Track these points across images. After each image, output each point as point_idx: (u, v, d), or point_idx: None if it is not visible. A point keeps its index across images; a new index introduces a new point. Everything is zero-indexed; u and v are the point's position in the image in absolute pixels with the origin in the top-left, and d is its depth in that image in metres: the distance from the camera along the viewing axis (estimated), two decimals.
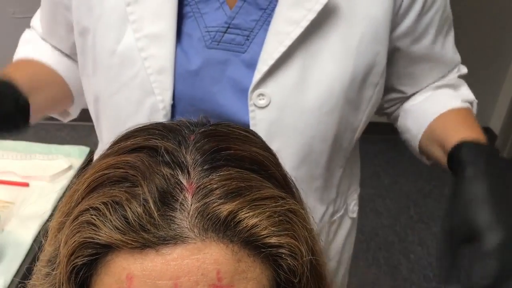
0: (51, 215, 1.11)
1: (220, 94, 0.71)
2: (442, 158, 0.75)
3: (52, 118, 1.07)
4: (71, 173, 1.25)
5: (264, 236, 0.39)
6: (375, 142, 3.08)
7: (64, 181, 1.21)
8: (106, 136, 0.81)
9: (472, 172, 0.63)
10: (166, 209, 0.38)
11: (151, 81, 0.69)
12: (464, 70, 0.90)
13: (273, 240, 0.39)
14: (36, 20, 0.91)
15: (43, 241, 0.48)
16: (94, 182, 0.41)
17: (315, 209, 0.81)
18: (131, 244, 0.37)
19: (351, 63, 0.69)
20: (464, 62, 0.89)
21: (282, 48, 0.67)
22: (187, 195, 0.39)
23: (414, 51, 0.79)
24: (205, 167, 0.41)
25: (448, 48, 0.83)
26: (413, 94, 0.87)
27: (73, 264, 0.39)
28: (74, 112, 0.98)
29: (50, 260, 0.45)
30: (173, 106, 0.71)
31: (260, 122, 0.70)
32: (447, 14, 0.80)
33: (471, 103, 0.85)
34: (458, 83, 0.87)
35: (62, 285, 0.41)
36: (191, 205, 0.39)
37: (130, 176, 0.40)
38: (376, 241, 2.37)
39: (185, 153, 0.42)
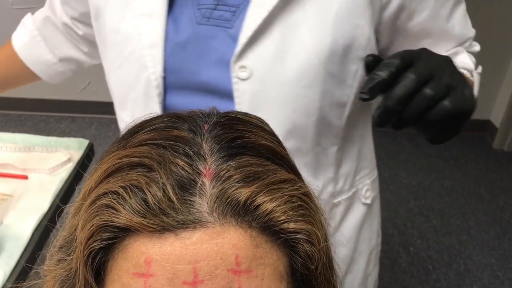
0: (50, 208, 1.11)
1: (208, 67, 0.75)
2: None
3: (51, 110, 1.09)
4: (70, 166, 1.25)
5: (283, 221, 0.39)
6: (375, 135, 3.08)
7: (63, 173, 1.21)
8: (117, 112, 0.87)
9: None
10: (185, 194, 0.38)
11: (145, 55, 0.75)
12: (476, 47, 0.88)
13: (291, 225, 0.39)
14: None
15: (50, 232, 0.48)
16: (110, 168, 0.41)
17: (309, 183, 0.82)
18: (151, 227, 0.37)
19: (328, 36, 0.71)
20: None
21: (258, 20, 0.70)
22: (205, 181, 0.39)
23: (412, 28, 0.79)
24: (222, 154, 0.41)
25: (455, 22, 0.82)
26: None
27: (90, 248, 0.39)
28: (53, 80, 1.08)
29: (62, 245, 0.45)
30: (165, 79, 0.76)
31: (243, 94, 0.73)
32: None
33: (471, 71, 0.83)
34: (457, 51, 0.85)
35: (79, 268, 0.41)
36: (209, 190, 0.39)
37: (146, 162, 0.40)
38: None
39: (201, 141, 0.42)
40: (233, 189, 0.39)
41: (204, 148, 0.42)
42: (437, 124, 0.57)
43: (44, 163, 1.23)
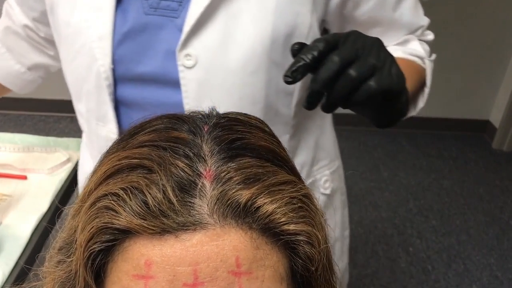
0: (50, 208, 1.11)
1: (155, 57, 0.76)
2: None
3: (50, 110, 1.08)
4: (70, 166, 1.24)
5: (283, 223, 0.39)
6: (375, 135, 3.08)
7: (62, 173, 1.21)
8: (74, 104, 0.88)
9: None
10: (185, 196, 0.38)
11: (94, 48, 0.76)
12: (429, 36, 0.89)
13: (291, 227, 0.39)
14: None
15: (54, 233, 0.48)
16: (110, 169, 0.41)
17: None
18: (151, 229, 0.37)
19: (270, 24, 0.72)
20: (464, 55, 0.89)
21: (201, 9, 0.71)
22: (205, 182, 0.39)
23: (359, 17, 0.80)
24: (222, 155, 0.41)
25: (404, 10, 0.83)
26: None
27: (90, 250, 0.39)
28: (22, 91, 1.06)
29: (62, 247, 0.45)
30: (114, 71, 0.77)
31: (189, 82, 0.74)
32: None
33: (422, 59, 0.83)
34: (408, 39, 0.85)
35: (78, 271, 0.41)
36: (210, 192, 0.39)
37: (146, 164, 0.40)
38: (375, 234, 2.37)
39: (201, 142, 0.42)
40: (233, 190, 0.39)
41: (204, 150, 0.42)
42: (366, 105, 0.57)
43: (43, 163, 1.23)
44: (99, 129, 0.83)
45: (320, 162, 0.94)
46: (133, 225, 0.37)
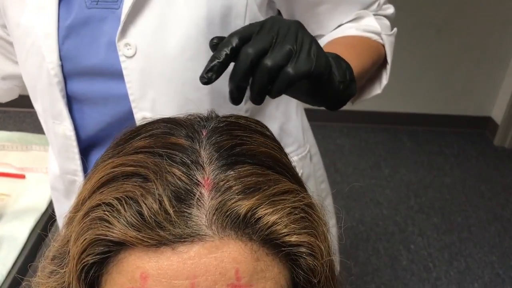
0: (48, 208, 1.10)
1: (99, 49, 0.76)
2: None
3: None
4: None
5: (284, 234, 0.38)
6: (376, 132, 3.07)
7: None
8: (33, 104, 0.87)
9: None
10: (182, 206, 0.37)
11: (41, 46, 0.76)
12: (389, 10, 0.85)
13: (293, 238, 0.38)
14: None
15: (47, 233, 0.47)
16: (104, 177, 0.40)
17: None
18: (147, 241, 0.36)
19: (204, 6, 0.72)
20: (466, 52, 0.86)
21: None
22: (203, 192, 0.38)
23: None
24: (221, 163, 0.40)
25: None
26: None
27: (83, 263, 0.38)
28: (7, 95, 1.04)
29: (55, 256, 0.43)
30: (63, 67, 0.77)
31: (132, 72, 0.74)
32: None
33: (379, 34, 0.80)
34: (362, 15, 0.82)
35: (72, 283, 0.39)
36: (208, 201, 0.38)
37: (141, 172, 0.39)
38: (376, 231, 2.36)
39: (199, 148, 0.41)
40: (233, 201, 0.37)
41: (203, 156, 0.40)
42: (295, 91, 0.56)
43: (42, 162, 1.22)
44: (56, 127, 0.83)
45: (286, 148, 0.92)
46: (127, 237, 0.36)
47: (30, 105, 0.86)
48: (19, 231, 1.03)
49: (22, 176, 1.17)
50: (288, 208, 0.39)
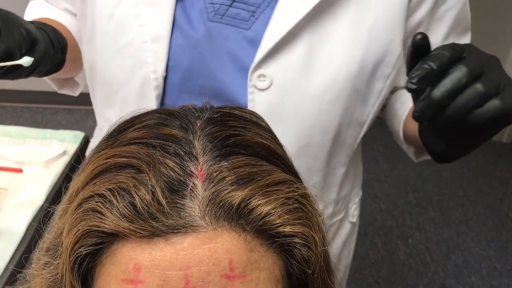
0: (45, 202, 1.10)
1: (220, 70, 0.67)
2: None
3: (47, 102, 1.06)
4: (66, 159, 1.23)
5: (278, 224, 0.38)
6: (374, 127, 3.06)
7: (58, 166, 1.20)
8: (99, 108, 0.79)
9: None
10: (175, 197, 0.37)
11: (145, 50, 0.66)
12: None
13: (287, 229, 0.38)
14: None
15: (44, 227, 0.47)
16: (97, 168, 0.40)
17: None
18: (140, 232, 0.36)
19: (360, 50, 0.66)
20: None
21: (289, 25, 0.64)
22: (196, 182, 0.38)
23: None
24: (214, 153, 0.40)
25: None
26: None
27: (77, 254, 0.38)
28: (82, 81, 0.92)
29: (49, 248, 0.43)
30: (165, 79, 0.68)
31: (258, 105, 0.66)
32: (463, 14, 0.76)
33: None
34: None
35: (65, 275, 0.39)
36: (201, 192, 0.37)
37: (134, 163, 0.39)
38: (374, 225, 2.37)
39: (193, 139, 0.41)
40: (226, 191, 0.37)
41: (196, 147, 0.40)
42: (478, 127, 0.50)
43: (39, 156, 1.22)
44: None
45: (354, 189, 0.88)
46: (120, 228, 0.36)
47: (27, 100, 0.84)
48: (17, 225, 1.02)
49: (19, 170, 1.17)
50: (282, 199, 0.38)
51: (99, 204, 0.37)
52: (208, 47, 0.67)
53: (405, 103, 0.79)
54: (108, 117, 0.77)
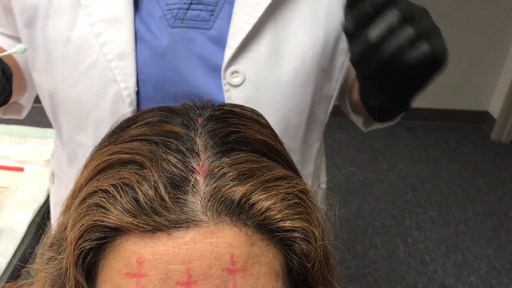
0: (46, 200, 1.11)
1: (191, 74, 0.67)
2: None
3: None
4: None
5: (278, 219, 0.38)
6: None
7: None
8: (67, 134, 0.76)
9: None
10: (178, 192, 0.38)
11: (112, 68, 0.65)
12: None
13: (287, 224, 0.39)
14: None
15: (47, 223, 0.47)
16: (100, 165, 0.40)
17: None
18: (143, 227, 0.37)
19: (321, 29, 0.69)
20: (463, 45, 0.88)
21: (252, 20, 0.65)
22: (198, 178, 0.38)
23: None
24: (216, 150, 0.40)
25: None
26: None
27: (80, 248, 0.38)
28: (28, 103, 0.90)
29: (53, 243, 0.44)
30: (138, 93, 0.67)
31: (236, 101, 0.68)
32: None
33: None
34: None
35: (69, 269, 0.40)
36: (203, 188, 0.38)
37: (137, 159, 0.39)
38: (373, 225, 2.37)
39: (195, 136, 0.41)
40: (227, 187, 0.38)
41: (198, 144, 0.41)
42: (410, 72, 0.53)
43: (40, 155, 1.22)
44: None
45: (322, 158, 0.92)
46: (123, 223, 0.37)
47: None
48: (18, 223, 1.03)
49: (20, 169, 1.17)
50: (282, 194, 0.39)
51: (102, 199, 0.38)
52: (175, 54, 0.67)
53: (350, 77, 0.82)
54: (80, 141, 0.74)
